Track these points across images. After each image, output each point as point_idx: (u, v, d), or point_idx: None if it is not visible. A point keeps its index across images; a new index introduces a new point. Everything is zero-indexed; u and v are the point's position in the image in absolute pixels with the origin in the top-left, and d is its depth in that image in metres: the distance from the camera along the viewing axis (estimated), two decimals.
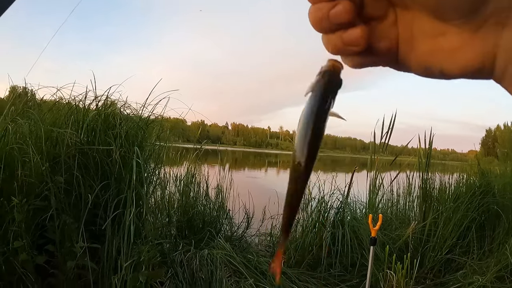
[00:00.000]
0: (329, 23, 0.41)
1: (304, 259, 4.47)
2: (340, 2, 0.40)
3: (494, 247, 4.63)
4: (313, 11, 0.42)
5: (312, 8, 0.42)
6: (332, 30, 0.43)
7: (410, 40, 0.43)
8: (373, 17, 0.43)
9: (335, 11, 0.40)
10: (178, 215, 4.76)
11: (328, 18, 0.41)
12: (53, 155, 3.30)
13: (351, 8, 0.40)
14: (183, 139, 7.72)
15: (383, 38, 0.44)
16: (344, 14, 0.40)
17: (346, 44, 0.42)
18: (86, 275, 2.95)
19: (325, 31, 0.43)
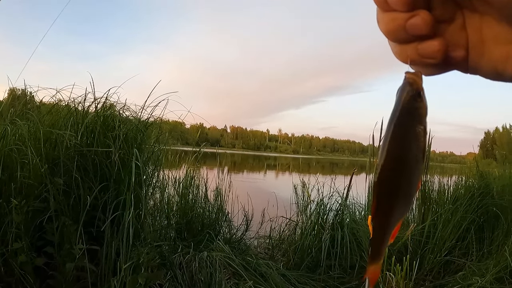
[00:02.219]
0: (405, 34, 0.40)
1: (303, 261, 4.47)
2: (419, 13, 0.39)
3: (493, 248, 4.63)
4: (387, 20, 0.41)
5: (385, 16, 0.41)
6: (407, 41, 0.42)
7: (480, 44, 0.42)
8: (441, 20, 0.42)
9: (413, 22, 0.39)
10: (177, 217, 4.75)
11: (405, 29, 0.40)
12: (52, 157, 3.30)
13: (430, 20, 0.39)
14: (182, 141, 7.72)
15: (455, 45, 0.42)
16: (423, 26, 0.39)
17: (422, 56, 0.41)
18: (85, 277, 2.94)
19: (399, 42, 0.42)
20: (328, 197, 5.19)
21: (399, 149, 0.41)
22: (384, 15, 0.41)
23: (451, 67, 0.44)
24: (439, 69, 0.44)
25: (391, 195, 0.44)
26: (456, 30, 0.42)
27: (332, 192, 5.27)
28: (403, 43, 0.42)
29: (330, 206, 5.03)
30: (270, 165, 34.22)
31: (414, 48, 0.41)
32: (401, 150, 0.41)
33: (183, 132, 7.99)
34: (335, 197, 5.15)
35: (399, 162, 0.41)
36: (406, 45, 0.42)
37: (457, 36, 0.42)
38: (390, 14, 0.40)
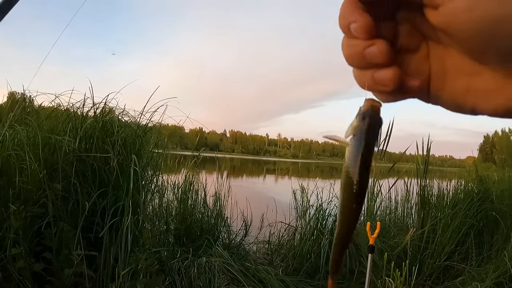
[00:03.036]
0: (363, 61, 0.42)
1: (303, 266, 4.46)
2: (376, 43, 0.41)
3: (493, 253, 4.63)
4: (347, 45, 0.43)
5: (347, 42, 0.43)
6: (365, 67, 0.43)
7: (442, 75, 0.43)
8: (406, 49, 0.44)
9: (370, 51, 0.41)
10: (176, 222, 4.75)
11: (362, 56, 0.41)
12: (51, 162, 3.29)
13: (386, 50, 0.41)
14: (181, 146, 7.72)
15: (416, 74, 0.44)
16: (379, 55, 0.41)
17: (377, 83, 0.43)
18: (83, 282, 2.94)
19: (357, 67, 0.44)
20: (327, 202, 5.19)
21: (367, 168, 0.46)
22: (347, 40, 0.43)
23: (407, 95, 0.45)
24: (394, 96, 0.45)
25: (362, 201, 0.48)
26: (420, 60, 0.44)
27: (331, 197, 5.27)
28: (362, 69, 0.43)
29: (329, 211, 5.03)
30: (270, 170, 34.19)
31: (370, 75, 0.43)
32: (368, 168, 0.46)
33: (182, 136, 7.99)
34: (334, 202, 5.14)
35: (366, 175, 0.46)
36: (365, 71, 0.43)
37: (420, 66, 0.44)
38: (352, 41, 0.42)
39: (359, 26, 0.40)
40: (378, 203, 5.65)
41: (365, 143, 0.45)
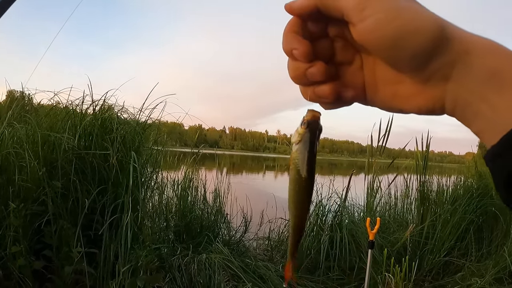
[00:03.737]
0: (305, 80, 0.50)
1: (302, 262, 4.46)
2: (315, 64, 0.49)
3: (492, 249, 4.64)
4: (292, 68, 0.50)
5: (291, 64, 0.50)
6: (308, 84, 0.51)
7: (374, 84, 0.51)
8: (342, 62, 0.52)
9: (310, 72, 0.49)
10: (176, 219, 4.75)
11: (305, 75, 0.49)
12: (50, 160, 3.29)
13: (323, 70, 0.49)
14: (181, 143, 7.72)
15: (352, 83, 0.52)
16: (318, 74, 0.49)
17: (318, 96, 0.51)
18: (83, 280, 2.94)
19: (301, 84, 0.52)
20: (327, 198, 5.18)
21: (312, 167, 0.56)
22: (291, 63, 0.50)
23: (345, 103, 0.54)
24: (334, 105, 0.53)
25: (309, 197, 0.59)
26: (355, 71, 0.52)
27: (331, 193, 5.27)
28: (305, 86, 0.52)
29: (329, 207, 5.03)
30: (269, 166, 34.14)
31: (312, 90, 0.51)
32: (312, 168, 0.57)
33: (182, 133, 7.99)
34: (334, 198, 5.14)
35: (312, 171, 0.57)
36: (307, 88, 0.51)
37: (355, 76, 0.52)
38: (295, 63, 0.50)
39: (299, 53, 0.48)
40: (378, 199, 5.65)
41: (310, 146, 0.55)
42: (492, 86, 0.42)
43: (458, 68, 0.43)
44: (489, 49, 0.43)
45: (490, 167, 0.43)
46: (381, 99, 0.51)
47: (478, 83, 0.43)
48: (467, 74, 0.43)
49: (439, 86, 0.45)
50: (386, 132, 5.71)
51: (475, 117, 0.44)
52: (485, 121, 0.43)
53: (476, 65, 0.43)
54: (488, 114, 0.42)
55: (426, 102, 0.47)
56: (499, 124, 0.41)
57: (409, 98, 0.48)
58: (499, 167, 0.41)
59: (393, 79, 0.48)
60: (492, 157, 0.42)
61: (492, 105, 0.42)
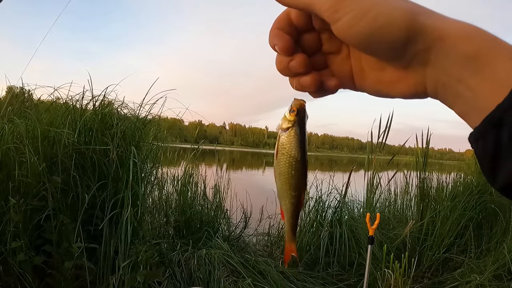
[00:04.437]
0: (289, 72, 0.54)
1: (302, 258, 4.47)
2: (295, 57, 0.53)
3: (492, 245, 4.64)
4: (277, 61, 0.54)
5: (277, 58, 0.54)
6: (292, 76, 0.56)
7: (361, 71, 0.54)
8: (330, 52, 0.56)
9: (291, 64, 0.53)
10: (176, 215, 4.75)
11: (288, 68, 0.54)
12: (50, 155, 3.29)
13: (304, 62, 0.53)
14: (181, 139, 7.71)
15: (340, 72, 0.55)
16: (298, 66, 0.53)
17: (302, 86, 0.55)
18: (83, 275, 2.94)
19: (286, 76, 0.56)
20: (326, 194, 5.19)
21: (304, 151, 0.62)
22: (277, 57, 0.55)
23: (329, 92, 0.57)
24: (319, 94, 0.57)
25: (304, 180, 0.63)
26: (342, 60, 0.55)
27: (330, 189, 5.27)
28: (291, 77, 0.56)
29: (329, 203, 5.04)
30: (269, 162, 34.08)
31: (297, 81, 0.55)
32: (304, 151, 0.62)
33: (182, 129, 7.98)
34: (333, 194, 5.15)
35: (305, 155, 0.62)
36: (292, 79, 0.56)
37: (343, 65, 0.55)
38: (279, 57, 0.54)
39: (280, 48, 0.52)
40: (378, 195, 5.66)
41: (302, 129, 0.61)
42: (469, 69, 0.43)
43: (435, 54, 0.45)
44: (463, 33, 0.44)
45: (474, 149, 0.45)
46: (368, 85, 0.54)
47: (455, 67, 0.44)
48: (444, 58, 0.45)
49: (418, 71, 0.48)
50: (386, 129, 5.71)
51: (456, 100, 0.46)
52: (466, 103, 0.45)
53: (451, 49, 0.44)
54: (468, 96, 0.44)
55: (409, 87, 0.50)
56: (480, 106, 0.42)
57: (393, 84, 0.51)
58: (482, 148, 0.43)
59: (376, 66, 0.51)
60: (475, 138, 0.44)
61: (471, 88, 0.43)
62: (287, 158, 0.61)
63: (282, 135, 0.62)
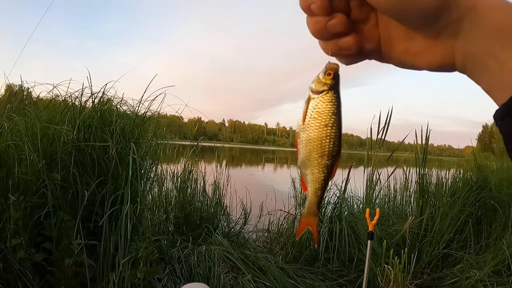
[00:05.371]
0: (326, 33, 0.51)
1: (302, 254, 4.48)
2: (336, 16, 0.49)
3: (491, 241, 4.65)
4: (312, 22, 0.51)
5: (310, 19, 0.51)
6: (329, 38, 0.52)
7: (388, 40, 0.52)
8: (358, 20, 0.53)
9: (331, 23, 0.50)
10: (176, 211, 4.76)
11: (326, 29, 0.50)
12: (50, 152, 3.28)
13: (345, 21, 0.50)
14: (180, 136, 7.71)
15: (368, 39, 0.53)
16: (339, 25, 0.50)
17: (341, 49, 0.52)
18: (83, 272, 2.94)
19: (323, 39, 0.53)
20: (326, 190, 5.19)
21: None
22: (310, 19, 0.51)
23: (366, 56, 0.56)
24: (355, 58, 0.55)
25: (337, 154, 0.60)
26: (371, 27, 0.53)
27: (330, 185, 5.26)
28: (326, 40, 0.53)
29: (328, 199, 5.04)
30: (268, 159, 34.12)
31: (334, 43, 0.52)
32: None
33: (181, 126, 7.97)
34: (333, 190, 5.15)
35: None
36: (329, 42, 0.52)
37: (371, 32, 0.53)
38: (314, 18, 0.50)
39: (317, 6, 0.48)
40: (377, 191, 5.66)
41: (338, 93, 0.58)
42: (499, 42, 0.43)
43: (466, 24, 0.45)
44: (496, 4, 0.44)
45: (499, 126, 0.43)
46: (395, 55, 0.53)
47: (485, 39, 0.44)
48: (474, 29, 0.45)
49: (448, 42, 0.47)
50: (385, 125, 5.70)
51: (484, 73, 0.45)
52: (493, 78, 0.44)
53: (483, 20, 0.44)
54: (496, 71, 0.43)
55: (436, 59, 0.49)
56: (508, 81, 0.42)
57: (420, 54, 0.50)
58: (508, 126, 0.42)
59: (405, 35, 0.50)
60: (501, 115, 0.42)
61: (500, 61, 0.43)
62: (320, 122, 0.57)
63: (315, 98, 0.58)
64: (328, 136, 0.57)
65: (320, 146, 0.57)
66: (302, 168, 0.62)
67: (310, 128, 0.58)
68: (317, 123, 0.57)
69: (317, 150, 0.58)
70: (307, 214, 0.66)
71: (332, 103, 0.57)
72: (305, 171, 0.61)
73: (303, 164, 0.61)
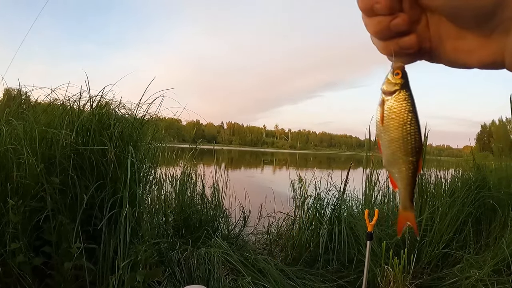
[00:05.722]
0: (389, 32, 0.52)
1: (301, 256, 4.48)
2: (399, 15, 0.51)
3: (491, 241, 4.65)
4: (374, 23, 0.52)
5: (371, 20, 0.52)
6: (391, 38, 0.53)
7: (439, 39, 0.53)
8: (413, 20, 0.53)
9: (395, 23, 0.51)
10: (175, 214, 4.76)
11: (389, 28, 0.51)
12: (48, 156, 3.28)
13: (407, 19, 0.51)
14: (179, 138, 7.72)
15: (423, 39, 0.54)
16: (403, 24, 0.51)
17: (402, 48, 0.53)
18: (83, 275, 2.94)
19: (385, 39, 0.54)
20: (325, 191, 5.19)
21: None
22: (370, 20, 0.52)
23: (422, 56, 0.56)
24: (414, 58, 0.56)
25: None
26: (422, 28, 0.53)
27: (329, 186, 5.27)
28: (387, 40, 0.53)
29: (328, 200, 5.04)
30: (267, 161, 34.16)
31: (395, 43, 0.53)
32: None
33: (180, 129, 7.98)
34: (332, 192, 5.15)
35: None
36: (389, 42, 0.53)
37: (423, 33, 0.53)
38: (375, 18, 0.51)
39: (382, 6, 0.49)
40: (376, 192, 5.66)
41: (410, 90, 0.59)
42: None
43: None
44: None
45: None
46: (446, 55, 0.54)
47: None
48: None
49: (500, 40, 0.48)
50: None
51: None
52: None
53: None
54: None
55: (488, 56, 0.50)
56: None
57: (472, 52, 0.51)
58: None
59: (456, 35, 0.51)
60: None
61: None
62: (399, 122, 0.59)
63: (389, 99, 0.60)
64: (409, 134, 0.59)
65: (403, 145, 0.59)
66: (388, 167, 0.64)
67: (390, 129, 0.60)
68: (396, 123, 0.59)
69: (400, 149, 0.60)
70: (403, 210, 0.67)
71: (406, 101, 0.59)
72: (392, 170, 0.64)
73: (389, 163, 0.63)
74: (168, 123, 5.81)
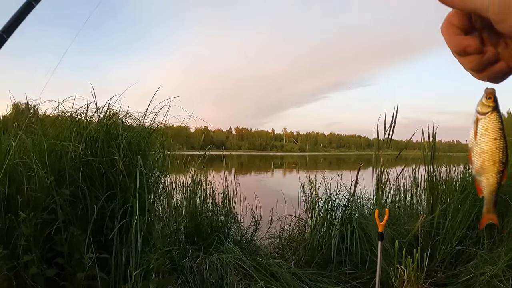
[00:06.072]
0: (482, 66, 0.61)
1: (314, 258, 4.46)
2: (488, 50, 0.60)
3: (504, 235, 4.60)
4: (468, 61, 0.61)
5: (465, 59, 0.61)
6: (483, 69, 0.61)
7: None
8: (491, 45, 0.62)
9: (488, 57, 0.60)
10: (186, 221, 4.76)
11: (482, 63, 0.60)
12: (58, 168, 3.32)
13: (495, 51, 0.60)
14: (188, 146, 7.74)
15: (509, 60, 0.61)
16: (493, 57, 0.60)
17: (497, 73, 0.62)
18: (96, 285, 2.96)
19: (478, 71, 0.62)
20: (335, 193, 5.17)
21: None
22: (464, 59, 0.61)
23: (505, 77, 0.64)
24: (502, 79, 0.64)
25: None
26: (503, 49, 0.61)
27: (339, 187, 5.25)
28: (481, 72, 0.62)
29: (338, 201, 5.02)
30: (277, 164, 34.14)
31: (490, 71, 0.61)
32: None
33: (188, 136, 8.01)
34: (342, 193, 5.13)
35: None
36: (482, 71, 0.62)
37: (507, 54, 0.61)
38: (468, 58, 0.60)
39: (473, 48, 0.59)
40: (387, 192, 5.63)
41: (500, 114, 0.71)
42: None
43: None
44: None
45: None
46: None
47: None
48: None
49: None
50: (391, 124, 5.68)
51: None
52: None
53: None
54: None
55: None
56: None
57: None
58: None
59: None
60: None
61: None
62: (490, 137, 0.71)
63: (482, 118, 0.71)
64: (498, 148, 0.71)
65: (491, 156, 0.72)
66: (477, 175, 0.75)
67: (482, 142, 0.72)
68: (487, 138, 0.71)
69: (489, 160, 0.72)
70: (487, 212, 0.79)
71: (497, 121, 0.71)
72: (480, 178, 0.75)
73: (478, 172, 0.74)
74: (176, 131, 5.83)
